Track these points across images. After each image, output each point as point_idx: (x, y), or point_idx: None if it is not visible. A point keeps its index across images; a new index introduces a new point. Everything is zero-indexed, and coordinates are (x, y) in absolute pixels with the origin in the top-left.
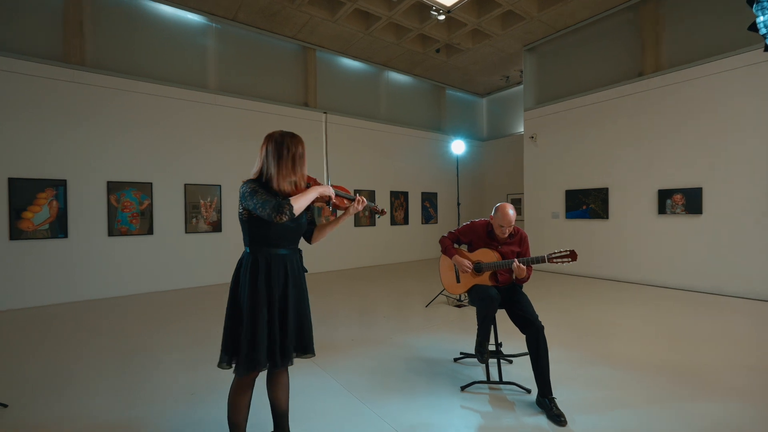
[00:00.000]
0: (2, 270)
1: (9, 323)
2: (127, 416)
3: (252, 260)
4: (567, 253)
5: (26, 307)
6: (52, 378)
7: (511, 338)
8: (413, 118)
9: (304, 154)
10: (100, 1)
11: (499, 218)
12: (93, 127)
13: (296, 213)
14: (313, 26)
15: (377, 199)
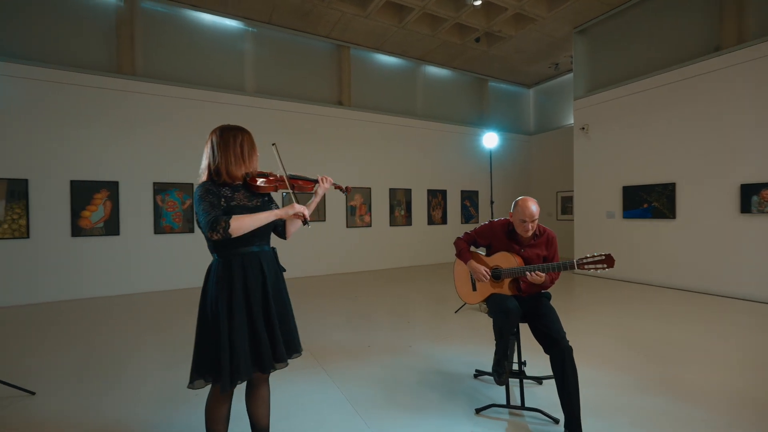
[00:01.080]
0: (64, 264)
1: (66, 313)
2: (158, 414)
3: (223, 266)
4: (602, 258)
5: (84, 298)
6: (91, 368)
7: (539, 355)
8: (452, 113)
9: (253, 143)
10: (149, 15)
11: (519, 212)
12: (141, 133)
13: (233, 234)
14: (345, 23)
15: (414, 198)
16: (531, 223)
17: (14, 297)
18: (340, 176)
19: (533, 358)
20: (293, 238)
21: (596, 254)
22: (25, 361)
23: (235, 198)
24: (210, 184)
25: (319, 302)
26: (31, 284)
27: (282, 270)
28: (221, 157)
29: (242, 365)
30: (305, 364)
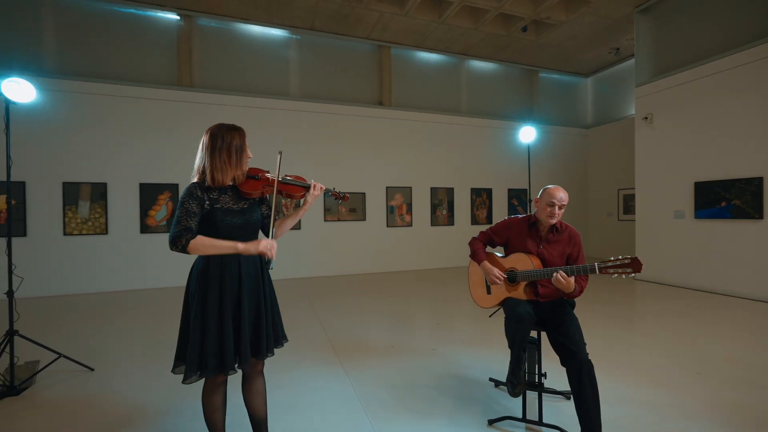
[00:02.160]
0: (133, 257)
1: (134, 301)
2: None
3: (203, 265)
4: (627, 262)
5: (151, 288)
6: (149, 352)
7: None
8: (499, 108)
9: (243, 146)
10: (205, 31)
11: (546, 195)
12: (198, 139)
13: (190, 253)
14: (384, 23)
15: (456, 197)
16: (558, 208)
17: (94, 285)
18: (379, 176)
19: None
20: (337, 236)
21: (621, 257)
22: (91, 342)
23: (221, 200)
24: (196, 187)
25: (353, 300)
26: (108, 275)
27: (268, 267)
28: (208, 160)
29: (209, 360)
30: (325, 358)
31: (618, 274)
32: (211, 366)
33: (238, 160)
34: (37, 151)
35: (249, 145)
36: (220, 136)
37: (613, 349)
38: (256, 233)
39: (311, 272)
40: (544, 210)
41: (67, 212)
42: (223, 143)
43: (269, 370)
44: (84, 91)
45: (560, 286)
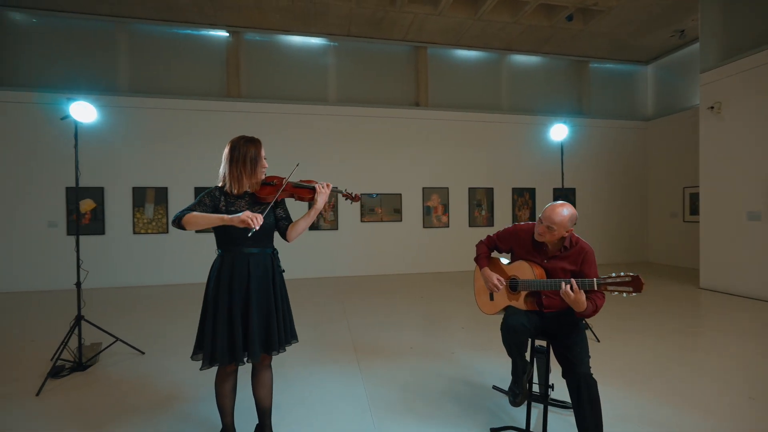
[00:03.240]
0: (189, 254)
1: (190, 293)
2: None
3: (218, 265)
4: (628, 280)
5: (201, 283)
6: (192, 339)
7: None
8: (543, 104)
9: (258, 157)
10: (251, 45)
11: (545, 216)
12: None
13: (185, 227)
14: (419, 24)
15: (496, 197)
16: (548, 228)
17: (155, 279)
18: (416, 177)
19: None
20: (374, 236)
21: (623, 274)
22: (145, 329)
23: (236, 205)
24: (216, 189)
25: (383, 301)
26: (168, 270)
27: (281, 271)
28: (227, 169)
29: (218, 351)
30: (343, 356)
31: (618, 292)
32: (221, 356)
33: (253, 169)
34: (112, 160)
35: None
36: (238, 148)
37: (654, 365)
38: (267, 236)
39: (347, 272)
40: (537, 227)
41: (136, 213)
42: (240, 154)
43: (285, 363)
44: (149, 106)
45: (568, 301)
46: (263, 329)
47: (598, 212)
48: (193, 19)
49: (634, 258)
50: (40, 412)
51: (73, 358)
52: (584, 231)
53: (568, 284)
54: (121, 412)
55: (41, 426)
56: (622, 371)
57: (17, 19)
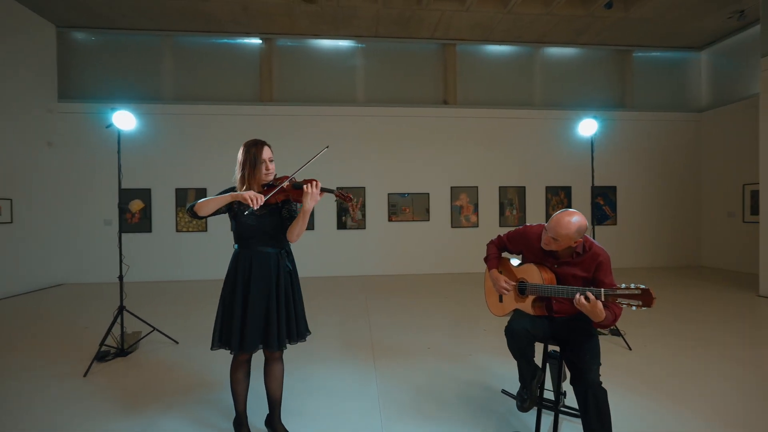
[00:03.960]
0: (228, 252)
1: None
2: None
3: (231, 265)
4: (637, 293)
5: None
6: None
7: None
8: (580, 98)
9: (257, 159)
10: (282, 50)
11: (550, 227)
12: (276, 147)
13: (200, 214)
14: (447, 21)
15: (529, 196)
16: (553, 240)
17: (195, 274)
18: (444, 176)
19: None
20: (401, 236)
21: (633, 286)
22: (181, 320)
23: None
24: (230, 189)
25: (407, 300)
26: (206, 265)
27: (287, 270)
28: (239, 171)
29: (224, 335)
30: (359, 354)
31: (626, 306)
32: (231, 345)
33: (253, 170)
34: (158, 163)
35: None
36: (246, 151)
37: (696, 378)
38: (273, 235)
39: (374, 271)
40: (545, 238)
41: (178, 213)
42: (248, 157)
43: (301, 357)
44: (190, 112)
45: (584, 311)
46: (260, 325)
47: (642, 212)
48: (229, 28)
49: (685, 261)
50: (86, 391)
51: (117, 344)
52: (626, 232)
53: (582, 294)
54: (155, 395)
55: (86, 403)
56: (657, 382)
57: (80, 38)
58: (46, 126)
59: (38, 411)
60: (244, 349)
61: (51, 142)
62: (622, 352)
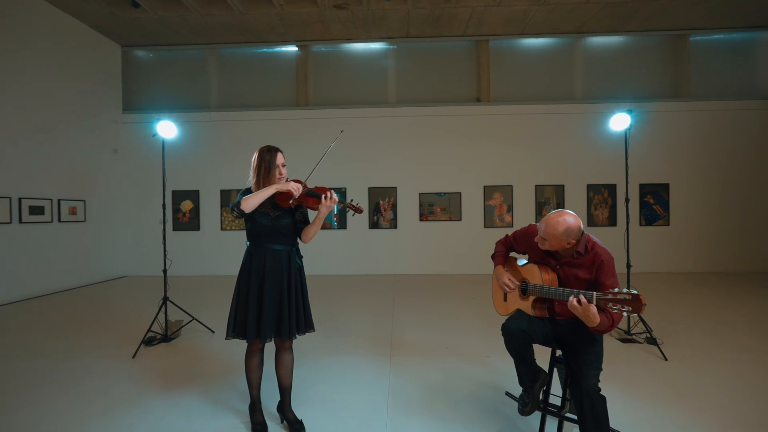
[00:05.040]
0: None
1: None
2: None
3: (245, 258)
4: (628, 299)
5: None
6: None
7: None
8: (627, 89)
9: (271, 163)
10: (317, 55)
11: (540, 226)
12: (311, 149)
13: (245, 210)
14: (478, 17)
15: (568, 195)
16: (543, 239)
17: (237, 270)
18: (476, 175)
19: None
20: (433, 236)
21: (625, 291)
22: (218, 311)
23: (262, 205)
24: (248, 190)
25: (433, 300)
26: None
27: (297, 266)
28: (253, 175)
29: (237, 326)
30: (377, 350)
31: (618, 311)
32: (244, 333)
33: (267, 174)
34: (205, 166)
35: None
36: (260, 156)
37: (742, 400)
38: (285, 234)
39: (405, 270)
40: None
41: (223, 212)
42: (262, 162)
43: (317, 350)
44: (233, 118)
45: (577, 314)
46: (275, 316)
47: (700, 211)
48: (267, 38)
49: (752, 266)
50: (133, 371)
51: (162, 331)
52: (680, 233)
53: (576, 297)
54: (188, 377)
55: (133, 381)
56: (692, 398)
57: (140, 55)
58: (112, 135)
59: (95, 384)
60: (260, 337)
61: (116, 149)
62: (656, 362)
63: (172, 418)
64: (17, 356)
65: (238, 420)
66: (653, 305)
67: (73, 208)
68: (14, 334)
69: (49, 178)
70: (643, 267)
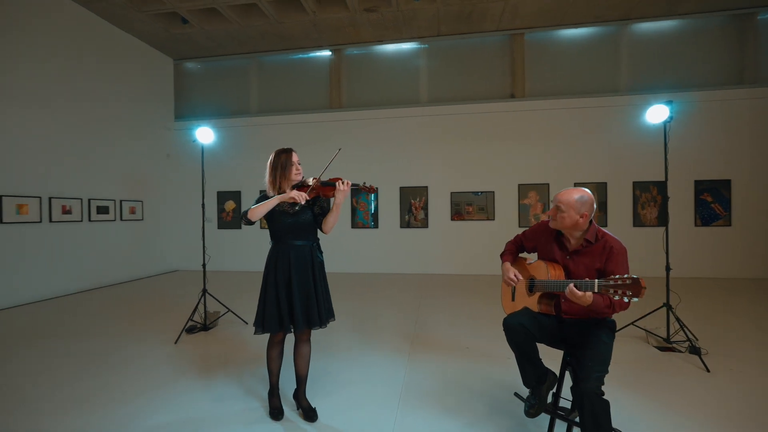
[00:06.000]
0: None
1: None
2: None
3: (270, 255)
4: (628, 283)
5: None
6: None
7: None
8: (679, 78)
9: (287, 162)
10: (349, 59)
11: (554, 197)
12: (345, 150)
13: (252, 219)
14: (512, 10)
15: (610, 193)
16: (557, 209)
17: None
18: (510, 173)
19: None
20: (464, 235)
21: (627, 276)
22: (252, 304)
23: (283, 205)
24: (263, 196)
25: (460, 300)
26: None
27: (318, 260)
28: (269, 175)
29: (266, 321)
30: (397, 345)
31: (620, 297)
32: (270, 326)
33: (284, 173)
34: (245, 168)
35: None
36: (276, 157)
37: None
38: (307, 230)
39: (436, 269)
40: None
41: None
42: (278, 162)
43: (340, 343)
44: (272, 122)
45: (574, 299)
46: (304, 307)
47: (765, 211)
48: (303, 44)
49: None
50: (175, 355)
51: (201, 320)
52: (744, 235)
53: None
54: (221, 363)
55: (174, 365)
56: (737, 413)
57: (189, 67)
58: (165, 141)
59: (142, 366)
60: (283, 330)
61: (169, 154)
62: (697, 373)
63: (203, 398)
64: (79, 338)
65: (259, 404)
66: (702, 313)
67: (133, 208)
68: (80, 320)
69: (112, 181)
70: (699, 271)
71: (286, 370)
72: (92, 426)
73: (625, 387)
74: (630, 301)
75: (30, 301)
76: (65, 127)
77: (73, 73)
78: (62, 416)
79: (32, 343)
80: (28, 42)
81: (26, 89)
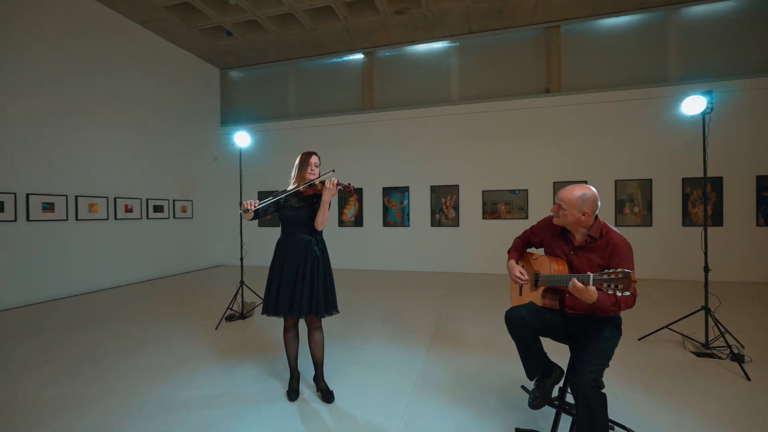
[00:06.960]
0: (331, 244)
1: None
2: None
3: (277, 242)
4: (620, 277)
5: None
6: None
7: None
8: (736, 65)
9: (305, 163)
10: (381, 60)
11: (558, 196)
12: (377, 150)
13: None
14: (545, 3)
15: (656, 190)
16: (558, 207)
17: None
18: (545, 171)
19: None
20: (496, 234)
21: (618, 271)
22: None
23: (289, 200)
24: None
25: (486, 299)
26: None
27: (314, 254)
28: (295, 172)
29: (270, 305)
30: (417, 338)
31: (613, 291)
32: (277, 310)
33: (303, 172)
34: (284, 169)
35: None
36: (300, 157)
37: None
38: (305, 224)
39: (466, 268)
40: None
41: None
42: (301, 161)
43: (361, 333)
44: (308, 125)
45: (577, 294)
46: (289, 295)
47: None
48: (336, 48)
49: None
50: (215, 340)
51: (239, 310)
52: None
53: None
54: (252, 348)
55: (214, 347)
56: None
57: (233, 75)
58: (212, 145)
59: (187, 348)
60: (291, 315)
61: (215, 157)
62: (738, 382)
63: (236, 377)
64: (137, 323)
65: (281, 386)
66: (757, 320)
67: (184, 207)
68: (138, 306)
69: (166, 182)
70: (761, 276)
71: (306, 356)
72: (154, 389)
73: (658, 391)
74: (635, 298)
75: (97, 288)
76: (127, 135)
77: (137, 86)
78: (126, 380)
79: (103, 323)
80: (102, 62)
81: (99, 103)
